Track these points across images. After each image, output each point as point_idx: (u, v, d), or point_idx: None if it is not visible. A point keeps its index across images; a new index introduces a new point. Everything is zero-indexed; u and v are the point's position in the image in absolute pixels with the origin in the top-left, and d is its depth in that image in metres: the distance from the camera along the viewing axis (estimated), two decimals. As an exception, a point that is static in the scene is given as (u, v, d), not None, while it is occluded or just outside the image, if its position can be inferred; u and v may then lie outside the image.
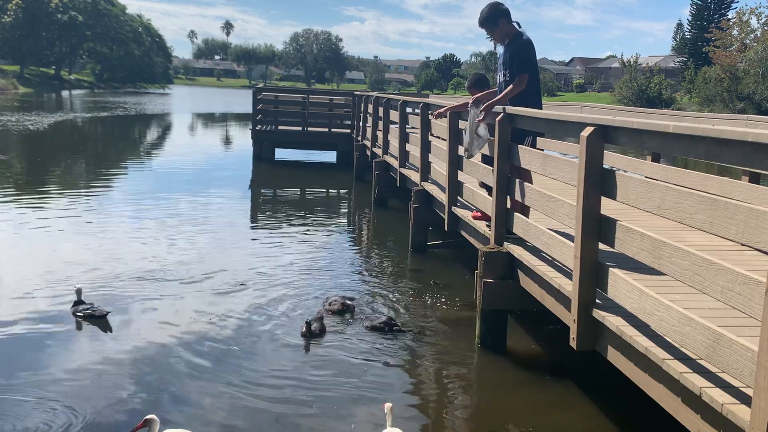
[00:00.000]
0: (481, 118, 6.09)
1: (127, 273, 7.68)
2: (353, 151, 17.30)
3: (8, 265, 7.87)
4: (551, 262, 5.00)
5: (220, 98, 78.44)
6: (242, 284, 7.43)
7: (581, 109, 10.15)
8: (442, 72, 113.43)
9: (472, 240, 7.05)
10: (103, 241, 9.22)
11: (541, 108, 6.07)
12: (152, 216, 11.10)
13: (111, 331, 6.04)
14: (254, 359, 5.48)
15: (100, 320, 6.20)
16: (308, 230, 10.86)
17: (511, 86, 5.94)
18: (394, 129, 12.09)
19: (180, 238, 9.56)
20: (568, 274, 4.56)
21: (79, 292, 6.46)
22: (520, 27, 6.09)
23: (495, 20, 6.07)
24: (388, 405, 4.29)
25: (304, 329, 5.94)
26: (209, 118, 43.95)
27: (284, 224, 11.19)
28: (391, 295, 7.39)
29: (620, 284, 3.77)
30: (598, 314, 3.98)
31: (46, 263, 7.96)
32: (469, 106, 6.31)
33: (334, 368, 5.37)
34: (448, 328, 6.42)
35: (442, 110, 7.75)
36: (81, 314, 6.26)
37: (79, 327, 6.10)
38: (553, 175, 4.81)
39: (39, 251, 8.54)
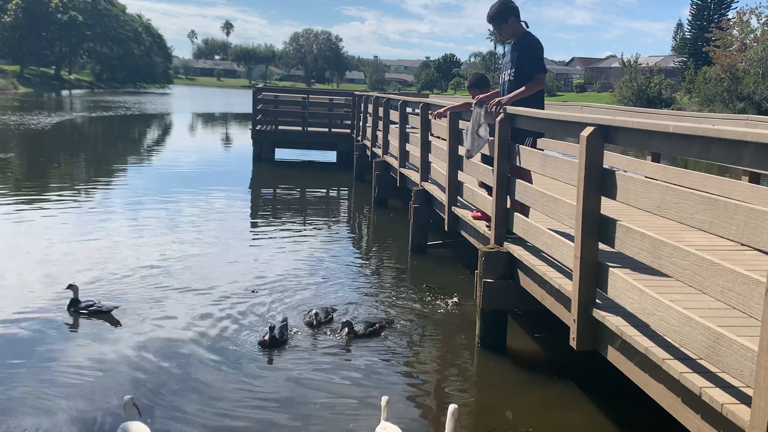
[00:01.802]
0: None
1: (125, 272, 7.68)
2: (353, 151, 17.29)
3: (8, 263, 7.87)
4: (551, 262, 5.00)
5: (220, 98, 78.40)
6: (239, 285, 7.42)
7: (581, 109, 10.15)
8: (442, 72, 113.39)
9: (472, 240, 7.05)
10: (103, 240, 9.21)
11: (543, 109, 6.05)
12: (152, 215, 11.10)
13: (120, 325, 6.10)
14: (248, 364, 5.46)
15: (106, 315, 6.25)
16: (308, 230, 10.86)
17: (530, 84, 5.86)
18: (394, 129, 12.09)
19: (179, 238, 9.56)
20: (568, 274, 4.56)
21: (75, 290, 6.39)
22: (527, 27, 6.07)
23: (505, 17, 6.03)
24: (384, 398, 4.26)
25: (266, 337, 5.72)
26: (209, 118, 43.93)
27: (284, 224, 11.19)
28: (390, 296, 7.39)
29: (620, 284, 3.77)
30: (598, 314, 3.98)
31: (46, 262, 7.96)
32: (473, 105, 6.24)
33: (333, 373, 5.37)
34: (448, 328, 6.42)
35: (441, 111, 7.74)
36: (86, 311, 6.26)
37: (83, 324, 6.11)
38: (553, 175, 4.81)
39: (39, 250, 8.52)
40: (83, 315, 6.25)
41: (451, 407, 4.06)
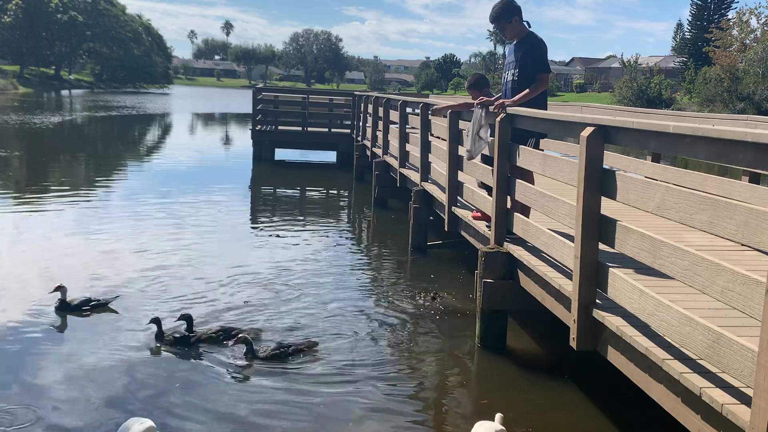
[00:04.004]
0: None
1: (123, 272, 7.66)
2: (353, 151, 17.29)
3: (7, 263, 7.86)
4: (551, 262, 5.00)
5: (220, 98, 78.37)
6: (237, 286, 7.42)
7: (581, 109, 10.15)
8: (442, 72, 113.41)
9: (472, 240, 7.05)
10: (102, 239, 9.20)
11: (546, 109, 6.03)
12: (151, 215, 11.10)
13: (120, 317, 6.20)
14: (241, 371, 5.48)
15: (106, 307, 6.32)
16: (308, 231, 10.85)
17: (534, 85, 5.83)
18: (394, 129, 12.09)
19: (178, 239, 9.55)
20: (568, 274, 4.56)
21: (63, 291, 6.29)
22: (530, 27, 6.06)
23: (509, 17, 6.00)
24: None
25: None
26: (209, 118, 43.93)
27: (284, 225, 11.18)
28: (390, 295, 7.39)
29: (620, 284, 3.77)
30: (598, 314, 3.98)
31: (45, 261, 7.93)
32: (475, 106, 6.21)
33: (331, 373, 5.38)
34: (448, 329, 6.42)
35: (440, 108, 7.72)
36: (87, 308, 6.25)
37: (83, 323, 6.10)
38: (553, 175, 4.81)
39: (38, 249, 8.51)
40: (85, 313, 6.24)
41: (497, 416, 4.07)
